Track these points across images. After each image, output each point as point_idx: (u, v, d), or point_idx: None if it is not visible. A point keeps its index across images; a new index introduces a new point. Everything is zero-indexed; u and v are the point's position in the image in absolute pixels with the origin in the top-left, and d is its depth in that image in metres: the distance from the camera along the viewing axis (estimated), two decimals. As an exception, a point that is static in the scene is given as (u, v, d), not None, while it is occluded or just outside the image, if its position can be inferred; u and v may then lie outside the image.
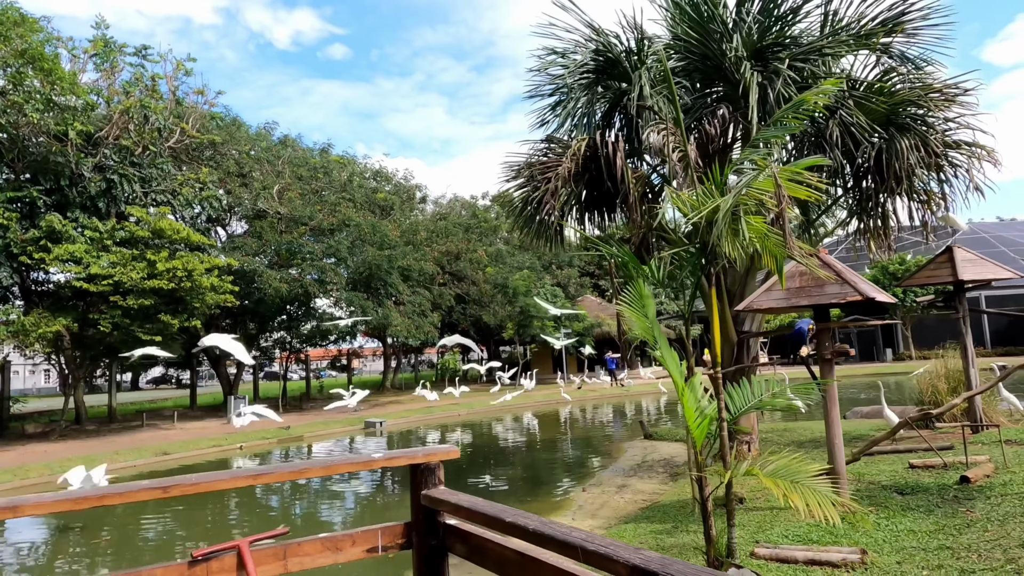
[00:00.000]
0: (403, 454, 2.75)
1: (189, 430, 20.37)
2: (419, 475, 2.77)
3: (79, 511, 7.16)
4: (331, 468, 2.59)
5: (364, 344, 49.01)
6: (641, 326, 5.24)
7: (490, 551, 2.45)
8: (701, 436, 4.99)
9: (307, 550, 2.58)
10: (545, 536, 2.00)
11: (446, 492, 2.72)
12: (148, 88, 21.22)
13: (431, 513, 2.75)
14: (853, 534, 5.77)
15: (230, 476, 2.40)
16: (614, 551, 1.75)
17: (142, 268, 17.46)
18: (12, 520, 9.66)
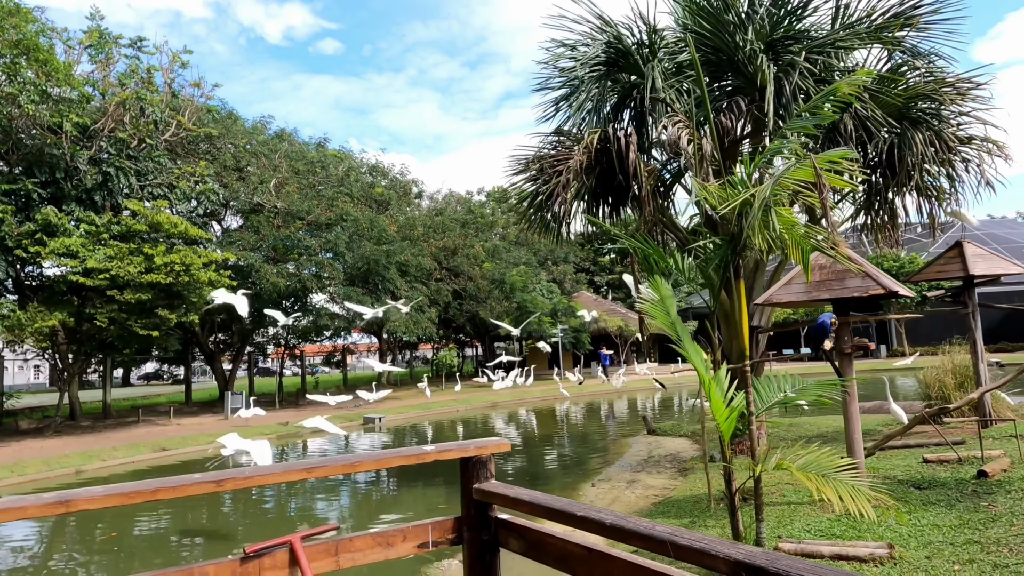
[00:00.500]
0: (454, 447, 2.67)
1: (186, 426, 20.20)
2: (470, 468, 2.69)
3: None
4: (384, 461, 2.51)
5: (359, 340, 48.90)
6: (663, 321, 5.18)
7: (551, 546, 2.37)
8: (729, 430, 4.94)
9: (358, 546, 2.50)
10: (626, 531, 1.93)
11: (500, 486, 2.64)
12: (144, 80, 20.96)
13: (483, 507, 2.67)
14: (876, 528, 5.73)
15: (284, 469, 2.32)
16: (711, 546, 1.67)
17: (139, 262, 17.26)
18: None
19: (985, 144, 8.89)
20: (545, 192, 9.20)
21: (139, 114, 19.59)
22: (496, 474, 2.46)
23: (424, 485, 11.01)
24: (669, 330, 5.15)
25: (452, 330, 40.00)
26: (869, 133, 8.46)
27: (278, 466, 2.31)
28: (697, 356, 5.02)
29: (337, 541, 2.48)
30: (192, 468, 14.69)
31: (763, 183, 5.03)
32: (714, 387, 4.81)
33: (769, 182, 4.28)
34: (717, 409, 4.87)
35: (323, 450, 16.88)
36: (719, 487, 7.97)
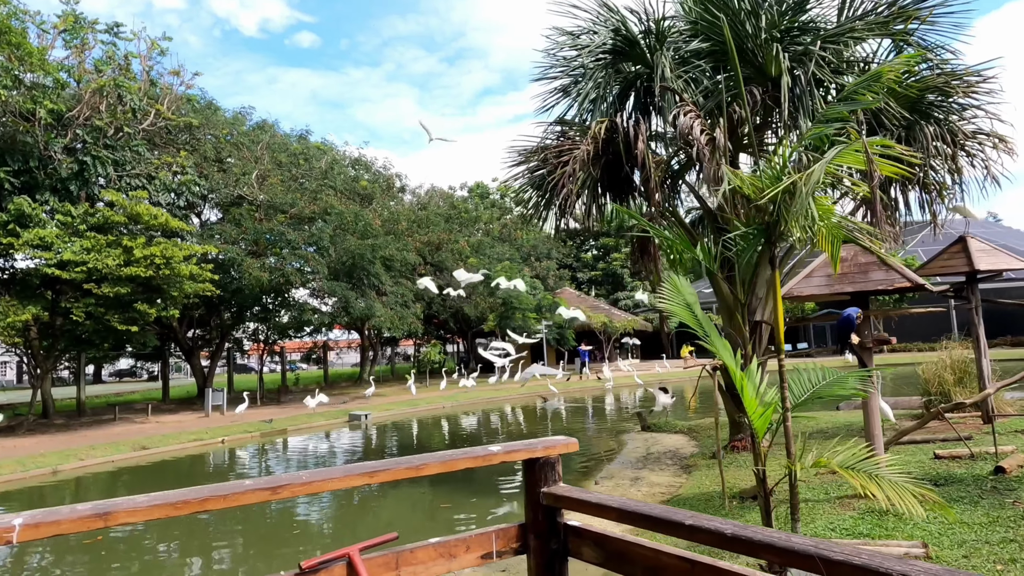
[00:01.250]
0: (521, 447, 2.42)
1: (165, 423, 19.64)
2: (537, 470, 2.45)
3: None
4: (450, 464, 2.26)
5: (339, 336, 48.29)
6: (686, 318, 4.98)
7: (639, 556, 2.14)
8: (763, 427, 4.74)
9: (420, 557, 2.25)
10: (755, 543, 1.70)
11: (573, 489, 2.40)
12: (121, 67, 20.31)
13: (551, 513, 2.43)
14: (903, 526, 5.61)
15: (344, 474, 2.05)
16: (878, 562, 1.46)
17: (118, 255, 16.68)
18: None
19: (991, 138, 8.85)
20: (551, 182, 8.97)
21: (116, 102, 18.95)
22: (480, 475, 2.26)
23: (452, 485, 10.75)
24: (694, 326, 4.95)
25: (435, 326, 39.64)
26: (880, 125, 8.35)
27: (337, 470, 2.05)
28: (727, 351, 4.83)
29: (397, 553, 2.23)
30: (175, 467, 14.24)
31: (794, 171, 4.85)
32: (747, 383, 4.61)
33: (818, 166, 4.08)
34: (750, 405, 4.67)
35: (297, 447, 16.48)
36: (732, 485, 7.84)
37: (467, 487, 10.27)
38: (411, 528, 8.30)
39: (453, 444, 16.11)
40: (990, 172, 9.00)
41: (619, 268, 48.39)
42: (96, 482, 12.94)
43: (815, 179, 4.10)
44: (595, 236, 51.00)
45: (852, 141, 4.18)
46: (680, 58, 9.12)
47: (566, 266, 48.06)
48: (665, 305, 4.97)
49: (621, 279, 48.51)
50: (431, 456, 2.27)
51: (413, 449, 15.59)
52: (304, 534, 8.49)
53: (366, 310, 23.84)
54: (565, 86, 10.57)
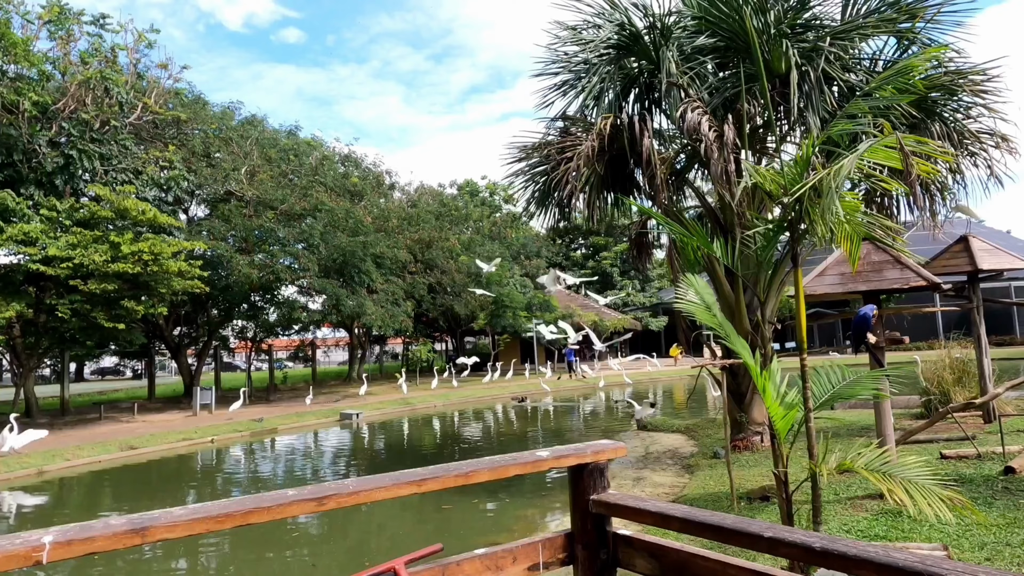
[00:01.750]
0: (570, 452, 2.29)
1: (152, 423, 19.30)
2: (585, 477, 2.32)
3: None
4: (499, 471, 2.12)
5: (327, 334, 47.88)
6: (706, 318, 4.88)
7: (702, 570, 2.02)
8: (785, 428, 4.64)
9: (466, 570, 2.12)
10: (850, 559, 1.58)
11: (626, 497, 2.27)
12: (108, 60, 19.90)
13: (599, 521, 2.31)
14: (919, 528, 5.55)
15: (392, 482, 1.91)
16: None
17: (105, 251, 16.33)
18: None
19: (994, 137, 8.83)
20: (554, 178, 8.84)
21: (103, 94, 18.57)
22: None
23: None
24: (713, 324, 4.85)
25: (424, 324, 39.41)
26: (892, 124, 8.29)
27: (385, 478, 1.91)
28: (746, 351, 4.72)
29: (443, 566, 2.10)
30: (165, 467, 13.97)
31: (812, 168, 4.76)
32: (769, 384, 4.51)
33: (847, 160, 3.99)
34: (772, 407, 4.57)
35: (290, 447, 16.25)
36: (738, 485, 7.75)
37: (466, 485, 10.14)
38: (415, 529, 8.16)
39: (451, 444, 15.96)
40: (993, 172, 8.99)
41: (609, 267, 48.40)
42: (84, 483, 12.65)
43: (844, 174, 4.00)
44: (585, 235, 51.04)
45: (885, 135, 4.08)
46: (684, 54, 9.03)
47: (556, 264, 47.97)
48: (682, 305, 4.86)
49: (611, 278, 48.51)
50: (480, 463, 2.13)
51: (408, 449, 15.42)
52: (318, 536, 8.31)
53: (357, 308, 23.60)
54: (566, 81, 10.45)
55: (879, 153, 4.05)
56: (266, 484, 11.76)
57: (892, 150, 3.98)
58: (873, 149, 4.04)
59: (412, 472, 1.99)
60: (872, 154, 4.06)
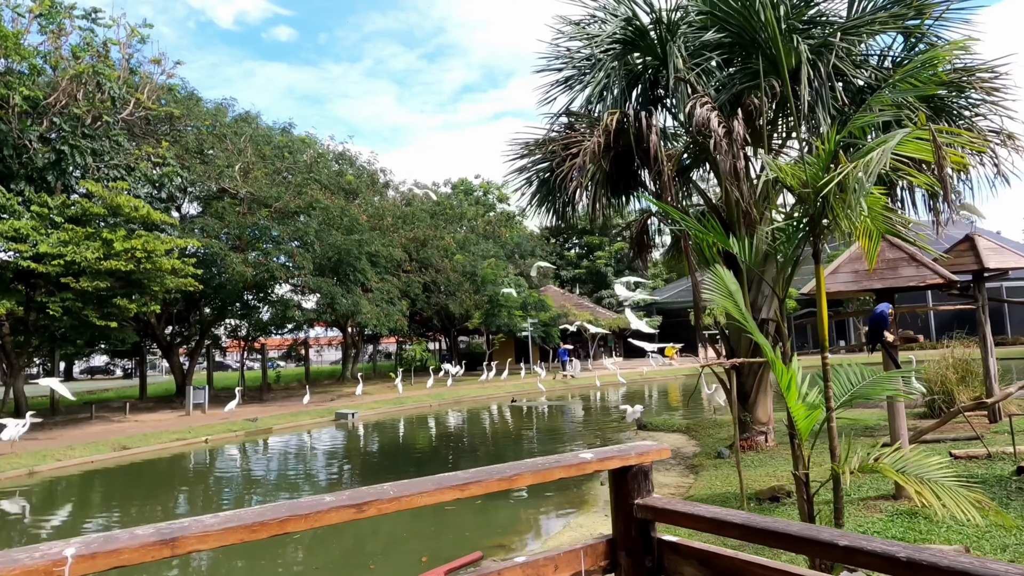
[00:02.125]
0: (615, 454, 2.17)
1: (145, 422, 19.05)
2: (629, 480, 2.20)
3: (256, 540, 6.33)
4: (543, 474, 1.99)
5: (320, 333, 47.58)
6: (734, 311, 4.78)
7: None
8: (808, 429, 4.54)
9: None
10: (943, 570, 1.46)
11: (675, 502, 2.15)
12: (100, 54, 19.61)
13: (644, 527, 2.18)
14: (936, 529, 5.47)
15: (434, 487, 1.77)
16: None
17: (97, 248, 16.08)
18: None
19: (1001, 135, 8.77)
20: (559, 175, 8.72)
21: (95, 89, 18.29)
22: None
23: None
24: (739, 318, 4.75)
25: (418, 324, 39.22)
26: (900, 122, 8.22)
27: (426, 483, 1.77)
28: (768, 348, 4.61)
29: (484, 574, 1.97)
30: (158, 467, 13.76)
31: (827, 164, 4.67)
32: (793, 384, 4.40)
33: (877, 153, 3.88)
34: (795, 407, 4.46)
35: (286, 447, 16.06)
36: (749, 486, 7.65)
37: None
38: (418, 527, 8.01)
39: (450, 445, 15.82)
40: (1000, 170, 8.92)
41: (603, 266, 48.36)
42: (76, 484, 12.43)
43: (874, 168, 3.89)
44: (580, 234, 50.97)
45: (918, 126, 3.98)
46: (690, 50, 8.93)
47: (549, 264, 47.89)
48: (709, 295, 4.76)
49: (605, 277, 48.48)
50: (523, 465, 2.00)
51: (407, 449, 15.26)
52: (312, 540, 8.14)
53: (352, 307, 23.40)
54: (568, 78, 10.34)
55: (909, 145, 3.94)
56: (264, 485, 11.59)
57: (924, 142, 3.87)
58: (904, 141, 3.94)
59: (454, 476, 1.85)
60: (902, 146, 3.95)
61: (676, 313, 44.73)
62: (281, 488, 11.25)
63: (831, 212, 4.55)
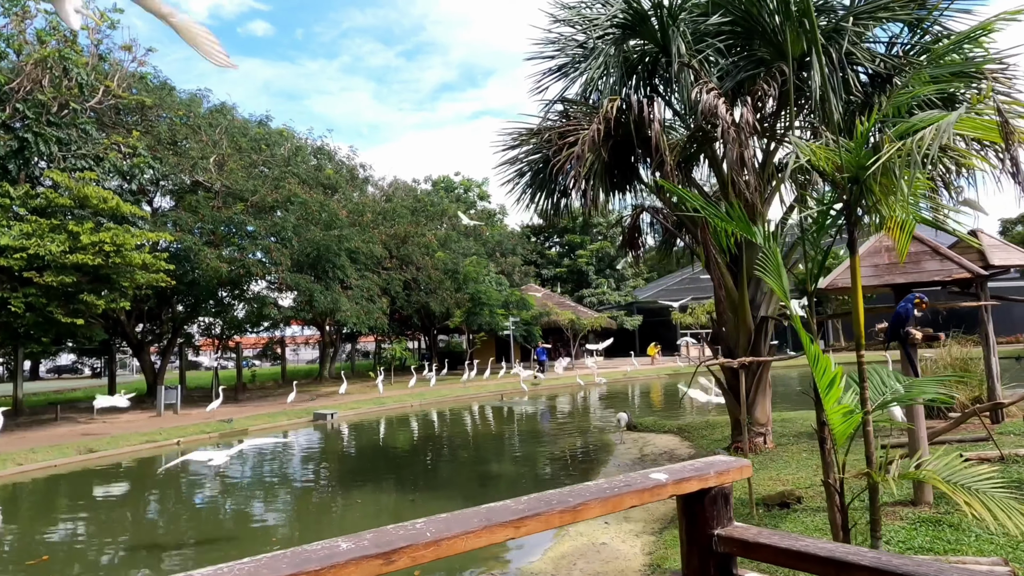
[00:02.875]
0: (691, 473, 1.75)
1: (113, 423, 18.26)
2: (707, 505, 1.78)
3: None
4: (612, 501, 1.58)
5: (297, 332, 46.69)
6: (776, 288, 4.45)
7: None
8: (845, 434, 4.16)
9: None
10: None
11: (770, 533, 1.74)
12: (67, 39, 18.74)
13: (724, 562, 1.77)
14: (965, 539, 5.15)
15: (482, 525, 1.34)
16: None
17: (63, 240, 15.31)
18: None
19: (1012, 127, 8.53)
20: (556, 164, 8.31)
21: (62, 75, 17.47)
22: (470, 480, 1.69)
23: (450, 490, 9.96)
24: (784, 300, 4.41)
25: (397, 322, 38.58)
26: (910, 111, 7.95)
27: (471, 517, 1.34)
28: (805, 337, 4.23)
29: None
30: (128, 472, 13.09)
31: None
32: (837, 384, 4.03)
33: (930, 131, 3.52)
34: (832, 411, 4.08)
35: (263, 449, 15.41)
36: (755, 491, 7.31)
37: (456, 488, 9.57)
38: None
39: (430, 446, 15.33)
40: (1005, 165, 8.70)
41: (584, 265, 48.10)
42: (38, 489, 11.73)
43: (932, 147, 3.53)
44: (561, 232, 50.64)
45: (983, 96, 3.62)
46: (692, 36, 8.57)
47: (531, 262, 47.54)
48: (761, 273, 4.41)
49: (586, 276, 48.25)
50: (588, 491, 1.58)
51: (390, 451, 14.73)
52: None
53: (331, 304, 22.76)
54: (562, 66, 9.95)
55: (966, 123, 3.59)
56: (240, 491, 11.01)
57: (980, 119, 3.53)
58: (964, 119, 3.58)
59: (504, 508, 1.42)
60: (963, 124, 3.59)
61: (657, 312, 44.65)
62: (255, 494, 10.69)
63: (871, 198, 4.20)
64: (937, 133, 3.52)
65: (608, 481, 1.65)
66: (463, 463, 12.35)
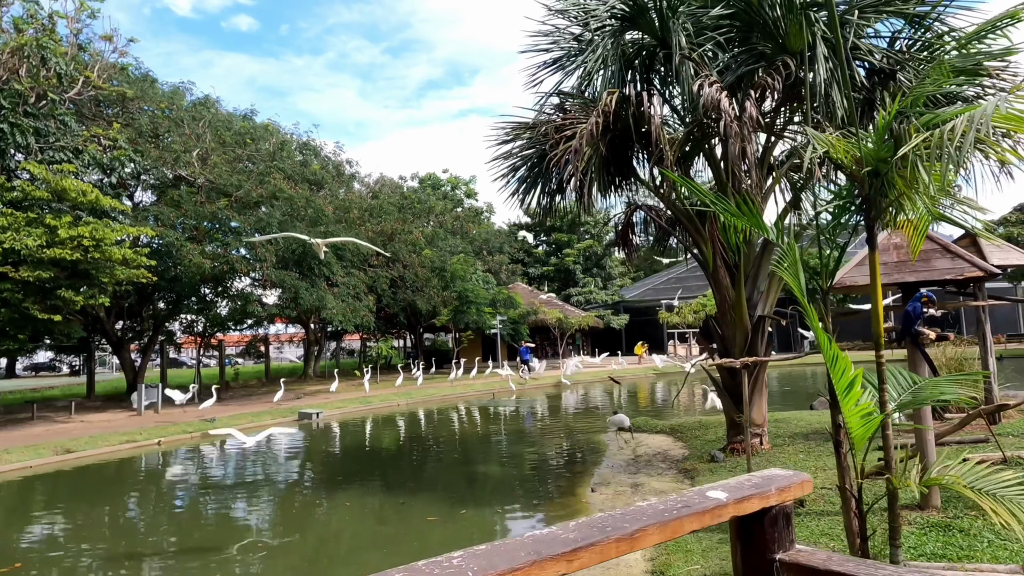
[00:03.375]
0: (752, 491, 1.54)
1: (92, 423, 17.80)
2: (767, 526, 1.58)
3: None
4: (672, 526, 1.36)
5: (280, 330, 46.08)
6: (793, 285, 4.28)
7: None
8: (864, 438, 3.99)
9: None
10: None
11: (842, 559, 1.54)
12: (45, 28, 18.23)
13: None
14: (977, 544, 5.02)
15: (530, 560, 1.13)
16: None
17: (39, 234, 14.86)
18: None
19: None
20: (552, 159, 8.10)
21: (39, 64, 16.96)
22: (461, 482, 1.51)
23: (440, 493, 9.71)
24: (799, 297, 4.24)
25: (383, 320, 38.21)
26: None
27: (516, 550, 1.12)
28: (823, 336, 4.05)
29: None
30: (105, 472, 12.72)
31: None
32: (857, 385, 3.86)
33: (963, 120, 3.35)
34: (851, 413, 3.91)
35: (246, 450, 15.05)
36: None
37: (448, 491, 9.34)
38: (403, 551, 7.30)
39: (419, 446, 15.07)
40: (1005, 164, 8.62)
41: (571, 264, 47.98)
42: (10, 492, 11.34)
43: (958, 140, 3.36)
44: (548, 231, 50.47)
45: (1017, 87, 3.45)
46: (691, 30, 8.40)
47: (518, 261, 47.32)
48: (779, 270, 4.25)
49: (573, 275, 48.14)
50: (644, 514, 1.36)
51: (378, 452, 14.45)
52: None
53: (317, 301, 22.40)
54: (557, 59, 9.75)
55: (998, 115, 3.42)
56: (221, 491, 10.69)
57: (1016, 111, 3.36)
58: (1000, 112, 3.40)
59: (552, 538, 1.21)
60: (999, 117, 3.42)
61: (643, 312, 44.66)
62: (239, 495, 10.38)
63: (893, 192, 4.03)
64: (971, 124, 3.35)
65: (663, 502, 1.44)
66: (453, 464, 12.12)
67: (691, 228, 9.57)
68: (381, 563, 6.91)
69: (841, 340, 14.90)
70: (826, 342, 4.02)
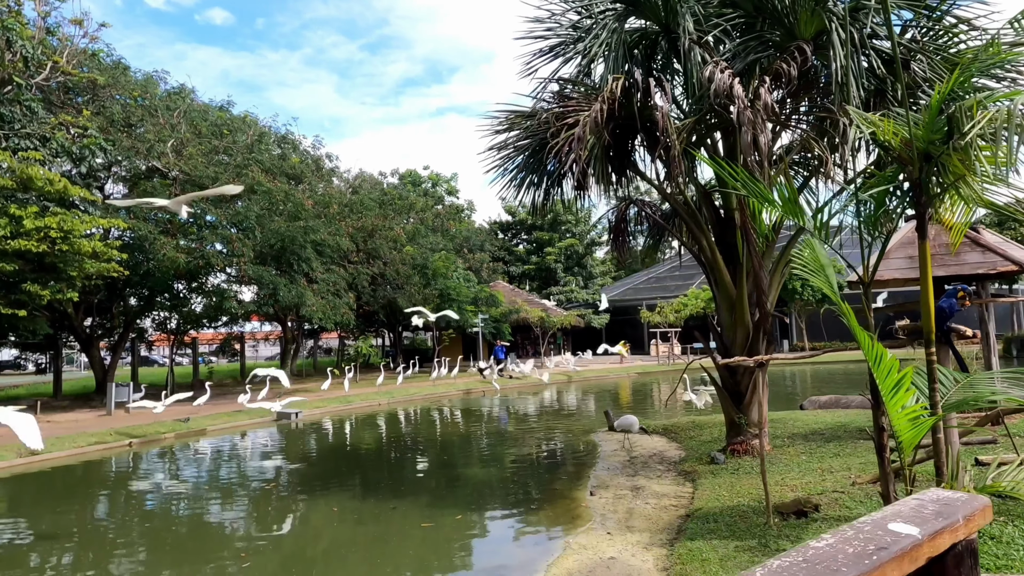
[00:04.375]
0: (942, 524, 1.18)
1: (59, 423, 17.03)
2: (949, 564, 1.22)
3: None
4: None
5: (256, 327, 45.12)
6: (822, 284, 3.97)
7: None
8: (913, 442, 3.68)
9: None
10: None
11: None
12: (11, 9, 17.42)
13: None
14: (1016, 553, 4.76)
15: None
16: None
17: (3, 225, 14.13)
18: None
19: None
20: (553, 148, 7.73)
21: (5, 48, 16.18)
22: (452, 484, 1.29)
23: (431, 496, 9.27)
24: (830, 294, 3.93)
25: (361, 318, 37.56)
26: (915, 100, 7.60)
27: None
28: (863, 334, 3.74)
29: None
30: (72, 474, 12.09)
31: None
32: (904, 386, 3.54)
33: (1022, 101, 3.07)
34: (898, 415, 3.59)
35: (222, 451, 14.49)
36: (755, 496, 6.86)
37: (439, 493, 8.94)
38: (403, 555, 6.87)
39: (401, 446, 14.61)
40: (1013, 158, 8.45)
41: (552, 263, 47.75)
42: (-30, 497, 10.68)
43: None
44: (528, 230, 50.20)
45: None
46: (697, 16, 8.10)
47: (499, 259, 46.98)
48: (800, 270, 3.91)
49: (555, 274, 47.91)
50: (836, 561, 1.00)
51: (358, 452, 13.97)
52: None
53: (296, 298, 21.79)
54: (555, 46, 9.40)
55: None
56: (194, 493, 10.15)
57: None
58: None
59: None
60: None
61: (625, 311, 44.59)
62: (212, 497, 9.86)
63: (947, 176, 3.73)
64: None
65: (843, 540, 1.08)
66: (441, 465, 11.71)
67: (691, 223, 9.27)
68: (382, 568, 6.49)
69: (832, 340, 14.52)
70: (868, 341, 3.70)
